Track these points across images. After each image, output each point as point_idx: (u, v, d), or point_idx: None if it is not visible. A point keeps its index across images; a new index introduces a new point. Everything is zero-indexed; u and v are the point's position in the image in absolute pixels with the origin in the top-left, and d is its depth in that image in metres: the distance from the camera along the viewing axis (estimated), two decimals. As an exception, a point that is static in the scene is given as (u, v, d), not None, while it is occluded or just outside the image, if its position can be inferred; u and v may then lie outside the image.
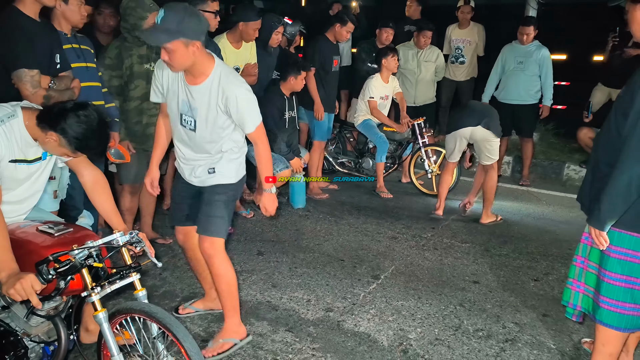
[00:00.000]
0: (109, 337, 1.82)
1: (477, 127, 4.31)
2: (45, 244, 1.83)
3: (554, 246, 4.15)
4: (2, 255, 1.72)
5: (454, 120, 4.52)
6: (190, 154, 2.46)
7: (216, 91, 2.26)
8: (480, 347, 2.70)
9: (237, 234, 4.05)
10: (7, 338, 1.97)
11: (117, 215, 2.14)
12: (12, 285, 1.64)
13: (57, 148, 1.97)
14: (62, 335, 1.94)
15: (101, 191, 2.16)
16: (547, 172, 6.27)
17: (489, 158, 4.43)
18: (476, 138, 4.38)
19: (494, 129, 4.33)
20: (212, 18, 3.47)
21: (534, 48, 5.50)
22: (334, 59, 4.82)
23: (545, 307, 3.17)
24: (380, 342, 2.70)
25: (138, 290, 1.94)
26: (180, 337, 1.79)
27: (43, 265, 1.66)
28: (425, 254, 3.86)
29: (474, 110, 4.46)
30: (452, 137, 4.46)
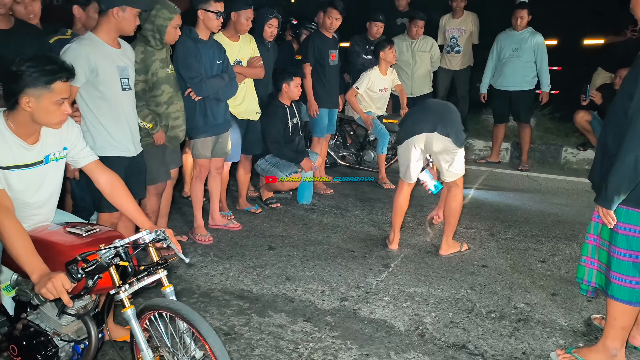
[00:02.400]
0: (137, 333, 1.87)
1: (434, 133, 3.38)
2: (74, 244, 1.88)
3: (557, 228, 4.24)
4: (30, 258, 1.77)
5: (404, 126, 3.60)
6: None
7: None
8: (495, 328, 2.78)
9: (246, 230, 4.10)
10: (37, 338, 2.02)
11: (142, 214, 2.16)
12: (44, 285, 1.68)
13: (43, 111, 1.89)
14: (92, 333, 1.98)
15: (120, 193, 2.18)
16: (545, 156, 6.36)
17: (452, 173, 3.51)
18: (433, 148, 3.44)
19: (454, 135, 3.37)
20: (213, 19, 3.50)
21: (528, 34, 5.58)
22: (330, 53, 4.84)
23: (553, 286, 3.25)
24: (397, 327, 2.77)
25: (165, 286, 1.98)
26: (203, 332, 1.82)
27: (72, 265, 1.71)
28: (432, 242, 3.93)
29: (428, 112, 3.54)
30: (404, 148, 3.54)
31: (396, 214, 3.71)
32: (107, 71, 2.71)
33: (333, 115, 5.09)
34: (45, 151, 2.03)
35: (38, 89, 1.84)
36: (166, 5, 3.17)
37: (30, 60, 1.84)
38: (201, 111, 3.63)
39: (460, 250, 3.70)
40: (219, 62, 3.68)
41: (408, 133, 3.49)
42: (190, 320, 1.85)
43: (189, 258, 2.06)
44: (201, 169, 3.81)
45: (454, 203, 3.59)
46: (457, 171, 3.50)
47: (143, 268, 1.91)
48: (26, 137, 1.96)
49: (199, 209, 3.89)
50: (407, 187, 3.66)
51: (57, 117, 1.93)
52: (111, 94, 2.75)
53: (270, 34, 4.26)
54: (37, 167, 2.01)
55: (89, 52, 2.63)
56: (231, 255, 3.64)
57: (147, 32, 3.17)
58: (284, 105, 4.45)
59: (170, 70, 3.30)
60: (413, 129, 3.46)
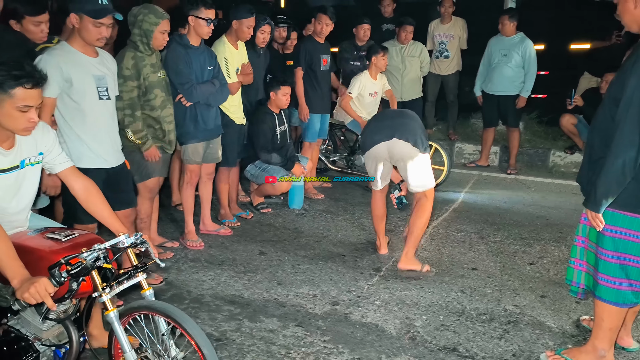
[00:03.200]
0: (120, 335, 1.87)
1: (392, 140, 3.32)
2: (55, 249, 1.89)
3: (546, 230, 4.28)
4: (11, 263, 1.76)
5: (364, 137, 3.57)
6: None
7: None
8: (485, 330, 2.80)
9: (236, 235, 4.10)
10: (18, 343, 2.02)
11: (117, 220, 2.17)
12: (26, 290, 1.68)
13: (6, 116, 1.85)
14: (74, 337, 1.98)
15: (95, 199, 2.18)
16: (533, 159, 6.43)
17: (418, 184, 3.36)
18: (396, 156, 3.36)
19: (413, 139, 3.28)
20: (203, 25, 3.50)
21: (518, 40, 5.64)
22: (322, 58, 4.87)
23: (542, 288, 3.28)
24: (388, 331, 2.78)
25: (145, 289, 1.99)
26: (189, 329, 1.84)
27: (55, 269, 1.72)
28: (422, 245, 3.95)
29: (385, 120, 3.53)
30: (367, 159, 3.55)
31: (376, 220, 3.73)
32: (82, 80, 2.63)
33: (325, 120, 5.11)
34: (20, 156, 2.02)
35: (0, 94, 1.83)
36: (153, 10, 3.14)
37: (2, 67, 1.82)
38: (192, 117, 3.63)
39: (420, 271, 3.45)
40: (210, 68, 3.68)
41: (368, 144, 3.46)
42: (175, 317, 1.86)
43: (164, 263, 2.07)
44: (192, 174, 3.80)
45: (421, 217, 3.41)
46: (424, 182, 3.37)
47: (123, 272, 1.92)
48: (0, 142, 1.95)
49: (190, 214, 3.88)
50: (379, 193, 3.65)
51: (22, 124, 1.89)
52: (86, 104, 2.67)
53: (262, 40, 4.28)
54: (13, 172, 2.00)
55: (60, 62, 2.56)
56: (222, 260, 3.63)
57: (135, 37, 3.15)
58: (272, 112, 4.46)
59: (161, 75, 3.29)
60: (372, 139, 3.43)
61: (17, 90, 1.82)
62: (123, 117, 3.05)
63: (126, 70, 3.06)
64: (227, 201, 4.50)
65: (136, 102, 3.13)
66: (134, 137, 3.09)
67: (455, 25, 6.34)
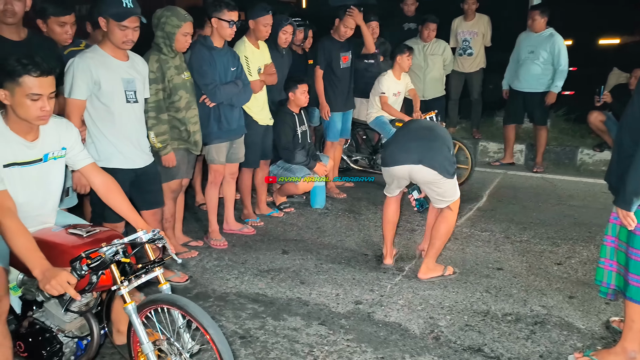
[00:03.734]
0: (138, 327, 1.93)
1: (418, 165, 3.12)
2: (76, 244, 1.96)
3: (574, 230, 4.19)
4: (32, 254, 1.83)
5: (388, 150, 3.35)
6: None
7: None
8: (511, 331, 2.76)
9: (260, 234, 4.13)
10: (43, 335, 2.11)
11: (135, 213, 2.24)
12: (47, 281, 1.75)
13: (18, 105, 1.92)
14: (95, 329, 2.06)
15: (115, 194, 2.26)
16: (560, 157, 6.30)
17: (442, 201, 3.25)
18: (418, 180, 3.24)
19: (441, 167, 3.10)
20: (226, 27, 3.54)
21: (546, 36, 5.52)
22: (342, 56, 4.85)
23: (570, 289, 3.22)
24: (411, 330, 2.76)
25: (162, 283, 2.05)
26: (204, 323, 1.88)
27: (76, 262, 1.79)
28: (446, 245, 3.90)
29: (414, 139, 3.25)
30: (387, 173, 3.35)
31: (386, 227, 3.50)
32: (110, 83, 2.70)
33: (347, 119, 5.10)
34: (44, 150, 2.10)
35: (10, 82, 1.90)
36: (175, 13, 3.17)
37: (14, 56, 1.90)
38: (215, 117, 3.68)
39: (444, 275, 3.34)
40: (233, 69, 3.72)
41: (391, 161, 3.25)
42: (190, 311, 1.90)
43: (181, 259, 2.16)
44: (216, 174, 3.85)
45: (443, 226, 3.25)
46: (447, 197, 3.23)
47: (141, 266, 1.98)
48: (24, 134, 2.02)
49: (214, 214, 3.94)
50: (393, 199, 3.46)
51: (34, 112, 1.95)
52: (115, 107, 2.74)
53: (284, 41, 4.31)
54: (36, 165, 2.08)
55: (90, 65, 2.64)
56: (246, 259, 3.67)
57: (159, 40, 3.21)
58: (292, 112, 4.48)
59: (185, 76, 3.34)
60: (397, 157, 3.22)
61: (25, 79, 1.89)
62: (147, 119, 3.10)
63: (151, 74, 3.11)
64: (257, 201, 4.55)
65: (161, 105, 3.18)
66: (155, 140, 3.14)
67: (479, 22, 6.26)
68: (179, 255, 3.51)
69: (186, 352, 1.99)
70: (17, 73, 1.88)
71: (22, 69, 1.88)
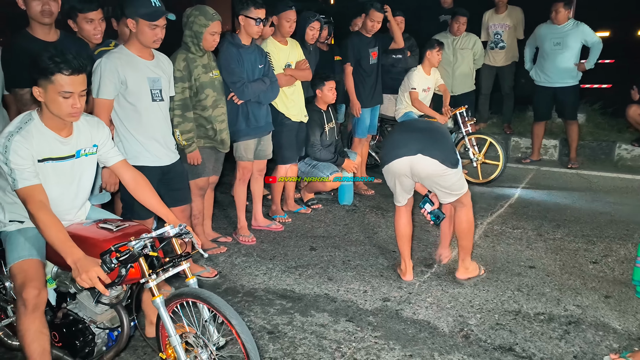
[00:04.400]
0: (166, 319, 1.98)
1: (417, 155, 2.92)
2: (106, 237, 2.02)
3: (610, 228, 4.06)
4: (65, 244, 1.90)
5: (385, 149, 3.14)
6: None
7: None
8: (543, 331, 2.69)
9: (288, 231, 4.15)
10: (76, 325, 2.20)
11: (164, 207, 2.29)
12: (80, 273, 1.82)
13: (51, 102, 1.98)
14: (125, 321, 2.11)
15: (143, 188, 2.32)
16: (596, 153, 6.10)
17: (450, 195, 3.05)
18: (420, 174, 2.98)
19: (442, 155, 2.90)
20: (253, 25, 3.56)
21: (571, 27, 5.36)
22: (370, 52, 4.83)
23: (606, 288, 3.12)
24: (440, 328, 2.73)
25: (189, 278, 2.09)
26: (227, 314, 1.92)
27: (106, 255, 1.84)
28: (476, 242, 3.84)
29: (411, 132, 3.08)
30: (387, 173, 3.12)
31: (400, 240, 3.24)
32: (137, 83, 2.75)
33: (375, 115, 5.07)
34: (77, 146, 2.17)
35: (44, 80, 1.96)
36: (203, 12, 3.21)
37: (47, 54, 1.95)
38: (243, 114, 3.71)
39: (479, 274, 3.27)
40: (261, 66, 3.75)
41: (388, 157, 3.02)
42: (216, 305, 1.94)
43: (207, 254, 2.19)
44: (244, 171, 3.89)
45: (463, 224, 3.14)
46: (456, 191, 3.03)
47: (168, 260, 2.03)
48: (58, 130, 2.09)
49: (242, 210, 3.98)
50: (403, 209, 3.20)
51: (65, 109, 2.00)
52: (141, 105, 2.79)
53: (312, 37, 4.31)
54: (69, 161, 2.15)
55: (117, 65, 2.69)
56: (274, 255, 3.69)
57: (187, 39, 3.25)
58: (320, 109, 4.48)
59: (213, 75, 3.38)
60: (394, 152, 2.99)
61: (57, 77, 1.95)
62: (173, 117, 3.16)
63: (177, 72, 3.16)
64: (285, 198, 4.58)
65: (187, 103, 3.23)
66: (181, 138, 3.19)
67: (511, 14, 6.12)
68: (208, 251, 3.61)
69: (212, 344, 2.03)
70: (50, 71, 1.94)
71: (54, 67, 1.93)
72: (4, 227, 2.19)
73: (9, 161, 1.95)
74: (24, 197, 1.96)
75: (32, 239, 2.12)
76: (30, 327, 2.04)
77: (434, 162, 2.89)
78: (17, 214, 2.17)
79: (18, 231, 2.17)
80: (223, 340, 2.07)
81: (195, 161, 3.34)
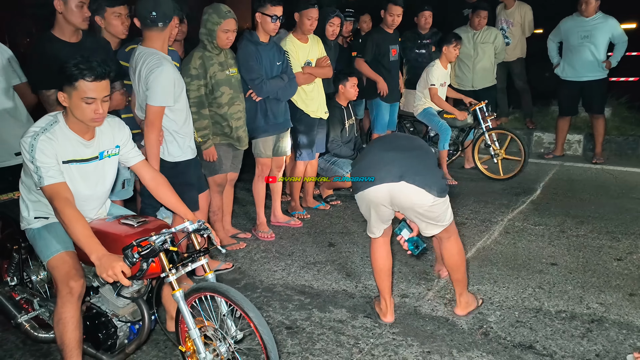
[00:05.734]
0: (185, 313, 2.02)
1: (400, 183, 2.38)
2: (128, 233, 2.07)
3: (636, 224, 3.96)
4: (89, 241, 1.95)
5: (357, 169, 2.58)
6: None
7: None
8: (565, 329, 2.65)
9: (306, 227, 4.17)
10: (99, 319, 2.27)
11: (183, 205, 2.33)
12: (105, 270, 1.86)
13: (75, 107, 2.02)
14: (145, 315, 2.17)
15: (163, 187, 2.36)
16: (622, 148, 5.96)
17: (435, 225, 2.54)
18: (403, 204, 2.46)
19: (428, 182, 2.39)
20: (269, 22, 3.57)
21: (600, 19, 5.23)
22: (391, 48, 4.82)
23: (631, 286, 3.05)
24: (459, 325, 2.71)
25: (207, 272, 2.14)
26: (247, 310, 1.95)
27: (128, 250, 1.88)
28: (497, 238, 3.80)
29: (391, 150, 2.51)
30: (361, 200, 2.59)
31: (378, 276, 2.74)
32: (182, 84, 2.91)
33: (394, 111, 5.05)
34: (100, 148, 2.21)
35: (68, 86, 2.01)
36: (217, 10, 3.24)
37: (72, 60, 2.00)
38: (262, 111, 3.74)
39: (478, 306, 2.85)
40: (279, 63, 3.76)
41: (362, 182, 2.49)
42: (234, 299, 1.98)
43: (225, 249, 2.26)
44: (263, 167, 3.92)
45: (455, 257, 2.67)
46: (443, 222, 2.54)
47: (187, 255, 2.07)
48: (82, 133, 2.14)
49: (262, 206, 4.01)
50: (379, 242, 2.73)
51: (89, 115, 2.04)
52: (184, 104, 2.94)
53: (332, 33, 4.31)
54: (92, 162, 2.20)
55: (176, 76, 2.82)
56: (292, 251, 3.71)
57: (203, 37, 3.29)
58: (340, 106, 4.48)
59: (230, 72, 3.41)
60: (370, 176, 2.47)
61: (80, 83, 1.99)
62: None
63: (193, 70, 3.22)
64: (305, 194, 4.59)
65: (203, 101, 3.28)
66: (196, 135, 3.24)
67: (515, 11, 6.02)
68: (227, 247, 3.65)
69: (230, 337, 2.06)
70: (74, 77, 1.98)
71: (78, 74, 1.98)
72: (29, 224, 2.26)
73: (35, 159, 2.00)
74: (50, 194, 2.01)
75: (62, 232, 2.18)
76: (75, 315, 2.12)
77: (419, 191, 2.38)
78: (42, 211, 2.24)
79: (45, 227, 2.23)
80: (241, 334, 2.10)
81: (211, 157, 3.38)
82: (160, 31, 2.79)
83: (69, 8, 2.75)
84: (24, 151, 2.02)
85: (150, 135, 2.75)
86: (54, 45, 2.78)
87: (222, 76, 3.35)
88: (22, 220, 2.29)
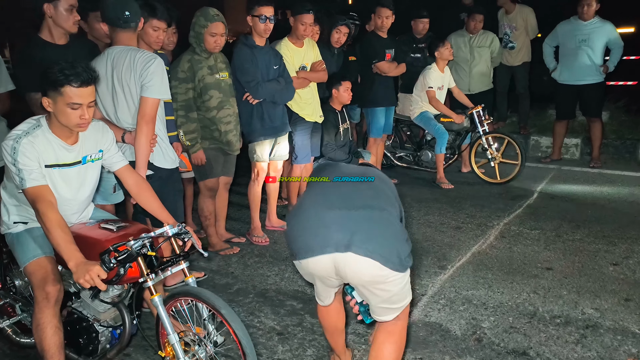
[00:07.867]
0: (164, 318, 2.01)
1: (347, 253, 1.77)
2: (107, 237, 2.06)
3: (633, 228, 3.93)
4: (68, 247, 1.92)
5: (293, 230, 1.93)
6: None
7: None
8: (559, 334, 2.62)
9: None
10: (80, 324, 2.25)
11: (165, 211, 2.31)
12: (81, 276, 1.84)
13: (60, 113, 1.99)
14: (126, 319, 2.15)
15: (145, 192, 2.34)
16: (619, 152, 5.94)
17: (389, 309, 1.93)
18: (351, 279, 1.87)
19: (385, 251, 1.78)
20: (259, 23, 3.54)
21: (598, 24, 5.23)
22: (386, 53, 4.81)
23: (627, 291, 3.02)
24: (452, 331, 2.68)
25: (187, 277, 2.13)
26: (227, 316, 1.93)
27: (105, 255, 1.86)
28: (492, 243, 3.78)
29: (334, 203, 1.87)
30: (302, 271, 1.98)
31: (330, 335, 2.28)
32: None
33: (390, 115, 5.04)
34: (83, 152, 2.19)
35: (53, 91, 1.98)
36: (204, 13, 3.24)
37: (57, 66, 1.97)
38: (258, 114, 3.72)
39: None
40: (276, 67, 3.75)
41: (301, 249, 1.86)
42: (214, 304, 1.96)
43: (207, 253, 2.22)
44: (259, 171, 3.90)
45: (392, 347, 1.99)
46: (398, 303, 1.92)
47: (167, 259, 2.06)
48: (65, 138, 2.12)
49: (256, 211, 3.98)
50: (329, 309, 2.21)
51: (74, 120, 2.02)
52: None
53: (337, 40, 4.33)
54: (75, 167, 2.18)
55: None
56: (286, 256, 3.68)
57: (191, 39, 3.29)
58: (335, 110, 4.46)
59: (220, 76, 3.39)
60: (308, 243, 1.83)
61: (66, 89, 1.97)
62: (177, 118, 3.19)
63: (181, 73, 3.21)
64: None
65: (191, 104, 3.26)
66: (184, 138, 3.22)
67: (517, 16, 6.01)
68: (221, 252, 3.62)
69: (210, 342, 2.05)
70: (59, 83, 1.96)
71: (64, 79, 1.95)
72: (9, 229, 2.25)
73: (17, 162, 1.99)
74: (33, 197, 1.99)
75: (40, 237, 2.17)
76: (52, 320, 2.10)
77: (372, 264, 1.77)
78: (22, 215, 2.23)
79: (26, 231, 2.22)
80: (222, 338, 2.09)
81: (200, 161, 3.37)
82: (133, 31, 2.72)
83: (59, 12, 2.74)
84: (5, 154, 2.01)
85: (146, 132, 2.63)
86: (42, 48, 2.78)
87: (211, 80, 3.33)
88: (1, 225, 2.28)
